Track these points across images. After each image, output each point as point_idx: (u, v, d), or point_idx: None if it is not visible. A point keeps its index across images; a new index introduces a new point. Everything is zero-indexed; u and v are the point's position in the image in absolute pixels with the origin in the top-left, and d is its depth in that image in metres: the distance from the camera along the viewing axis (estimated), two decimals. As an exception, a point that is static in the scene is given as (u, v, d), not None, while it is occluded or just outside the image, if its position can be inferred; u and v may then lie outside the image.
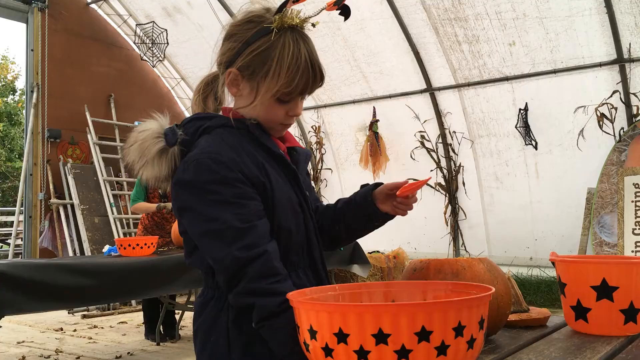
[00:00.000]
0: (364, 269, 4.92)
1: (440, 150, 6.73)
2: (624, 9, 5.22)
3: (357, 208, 1.34)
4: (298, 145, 1.35)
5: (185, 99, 8.64)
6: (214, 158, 1.13)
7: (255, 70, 1.18)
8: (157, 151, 1.19)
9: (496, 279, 1.23)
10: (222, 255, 1.10)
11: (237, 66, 1.20)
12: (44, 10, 7.16)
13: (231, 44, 1.22)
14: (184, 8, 7.44)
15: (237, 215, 1.11)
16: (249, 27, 1.20)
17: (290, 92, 1.18)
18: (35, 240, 6.85)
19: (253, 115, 1.22)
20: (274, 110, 1.21)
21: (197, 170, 1.13)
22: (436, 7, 5.98)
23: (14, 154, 18.73)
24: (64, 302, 3.19)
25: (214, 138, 1.18)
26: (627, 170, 5.37)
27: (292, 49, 1.16)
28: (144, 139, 1.20)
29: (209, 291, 1.24)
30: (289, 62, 1.15)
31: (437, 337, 0.82)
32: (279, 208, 1.19)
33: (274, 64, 1.16)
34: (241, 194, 1.13)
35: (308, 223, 1.27)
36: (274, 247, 1.14)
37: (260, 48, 1.17)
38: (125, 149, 1.23)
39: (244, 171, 1.14)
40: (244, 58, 1.19)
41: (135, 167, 1.21)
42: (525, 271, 6.14)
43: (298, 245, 1.25)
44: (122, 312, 6.25)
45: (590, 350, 1.14)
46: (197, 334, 1.25)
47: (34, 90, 6.99)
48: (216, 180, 1.12)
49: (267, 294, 1.09)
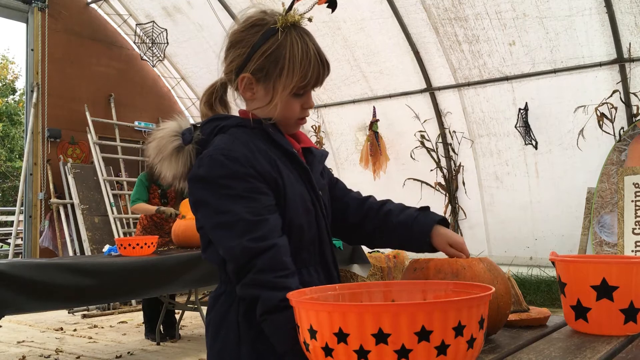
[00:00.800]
0: (364, 268, 4.92)
1: (440, 150, 6.73)
2: (624, 8, 5.21)
3: (410, 237, 1.36)
4: (313, 146, 1.38)
5: (185, 98, 8.64)
6: (226, 154, 1.17)
7: (269, 71, 1.22)
8: (173, 149, 1.25)
9: (496, 278, 1.23)
10: (232, 245, 1.14)
11: (249, 71, 1.23)
12: (44, 10, 7.16)
13: (239, 50, 1.24)
14: (184, 8, 7.44)
15: (249, 208, 1.14)
16: (254, 31, 1.23)
17: (305, 85, 1.23)
18: (35, 240, 6.85)
19: (270, 114, 1.25)
20: (291, 106, 1.25)
21: (210, 166, 1.17)
22: (436, 6, 5.98)
23: (14, 154, 18.73)
24: (64, 302, 3.19)
25: (228, 136, 1.23)
26: (627, 170, 5.38)
27: (300, 45, 1.21)
28: (161, 137, 1.27)
29: (222, 285, 1.29)
30: (300, 57, 1.20)
31: (437, 336, 0.82)
32: (291, 204, 1.22)
33: (287, 61, 1.20)
34: (253, 189, 1.16)
35: (320, 221, 1.29)
36: (284, 242, 1.17)
37: (270, 49, 1.20)
38: (145, 145, 1.31)
39: (256, 167, 1.18)
40: (256, 61, 1.22)
41: (153, 163, 1.27)
42: (525, 271, 6.14)
43: (309, 242, 1.27)
44: (122, 312, 6.25)
45: (590, 350, 1.14)
46: (209, 328, 1.29)
47: (34, 90, 6.99)
48: (228, 175, 1.16)
49: (272, 287, 1.11)
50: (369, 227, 1.41)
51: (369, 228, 1.41)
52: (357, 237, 1.46)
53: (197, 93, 8.48)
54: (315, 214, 1.28)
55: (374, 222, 1.40)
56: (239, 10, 7.63)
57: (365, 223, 1.41)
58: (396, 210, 1.40)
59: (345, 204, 1.44)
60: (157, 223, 4.76)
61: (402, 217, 1.37)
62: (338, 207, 1.43)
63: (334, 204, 1.43)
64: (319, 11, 1.29)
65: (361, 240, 1.47)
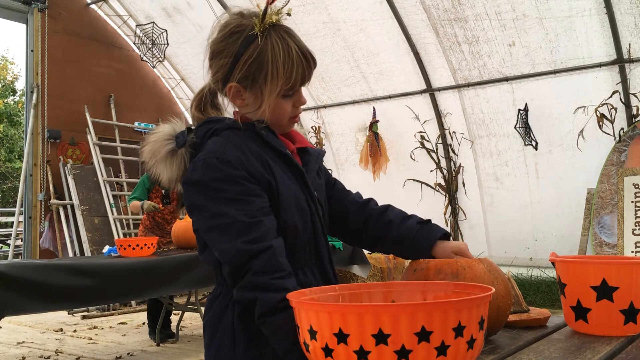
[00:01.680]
0: (364, 269, 4.92)
1: (440, 150, 6.73)
2: (623, 9, 5.22)
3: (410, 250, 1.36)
4: (309, 146, 1.38)
5: (185, 99, 8.63)
6: (219, 158, 1.17)
7: (255, 77, 1.21)
8: (167, 152, 1.26)
9: (496, 279, 1.23)
10: (227, 247, 1.14)
11: (235, 80, 1.23)
12: (44, 11, 7.16)
13: (221, 60, 1.24)
14: (183, 9, 7.44)
15: (243, 211, 1.15)
16: (233, 39, 1.22)
17: (292, 86, 1.22)
18: (35, 240, 6.85)
19: (261, 118, 1.25)
20: (281, 107, 1.25)
21: (204, 169, 1.17)
22: (436, 7, 5.98)
23: (14, 154, 18.73)
24: (63, 303, 3.20)
25: (220, 139, 1.23)
26: (627, 171, 5.38)
27: (281, 46, 1.20)
28: (155, 141, 1.28)
29: (218, 287, 1.30)
30: (283, 60, 1.19)
31: (437, 337, 0.82)
32: (285, 205, 1.22)
33: (270, 65, 1.19)
34: (246, 191, 1.16)
35: (315, 221, 1.29)
36: (279, 243, 1.17)
37: (252, 56, 1.20)
38: (140, 149, 1.32)
39: (249, 169, 1.18)
40: (240, 70, 1.22)
41: (147, 166, 1.29)
42: (525, 271, 6.14)
43: (304, 243, 1.27)
44: (122, 313, 6.25)
45: (590, 351, 1.14)
46: (206, 329, 1.30)
47: (33, 90, 6.99)
48: (222, 179, 1.16)
49: (270, 289, 1.11)
50: (369, 235, 1.42)
51: (369, 236, 1.42)
52: (358, 243, 1.47)
53: (197, 94, 8.47)
54: (310, 214, 1.28)
55: (374, 231, 1.40)
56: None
57: (366, 230, 1.41)
58: (397, 220, 1.39)
59: (345, 208, 1.44)
60: (159, 223, 4.77)
61: (403, 230, 1.37)
62: (337, 211, 1.43)
63: (332, 206, 1.43)
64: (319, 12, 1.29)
65: (362, 246, 1.49)
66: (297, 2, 6.51)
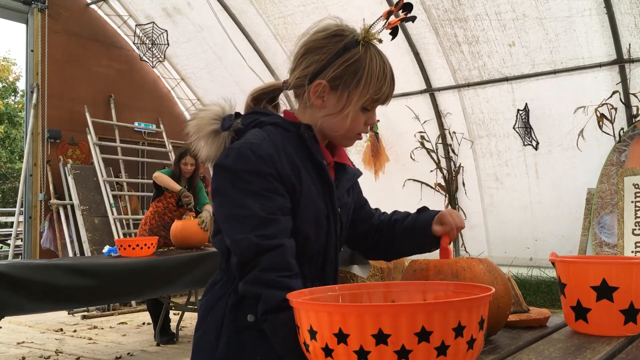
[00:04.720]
0: (364, 269, 4.91)
1: (440, 150, 6.73)
2: (623, 9, 5.22)
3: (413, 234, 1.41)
4: (349, 164, 1.40)
5: (185, 99, 8.63)
6: (254, 150, 1.18)
7: (347, 80, 1.23)
8: (210, 131, 1.27)
9: (496, 279, 1.23)
10: (240, 237, 1.15)
11: (326, 78, 1.24)
12: (44, 11, 7.16)
13: (317, 56, 1.25)
14: (184, 9, 7.44)
15: (263, 206, 1.16)
16: (335, 40, 1.25)
17: (377, 99, 1.25)
18: (35, 240, 6.85)
19: (338, 124, 1.26)
20: (358, 119, 1.26)
21: (236, 158, 1.19)
22: (436, 7, 5.98)
23: (15, 155, 18.74)
24: (64, 303, 3.19)
25: (261, 132, 1.24)
26: (627, 171, 5.38)
27: (378, 60, 1.25)
28: (202, 117, 1.29)
29: (220, 273, 1.31)
30: (378, 72, 1.24)
31: (437, 337, 0.82)
32: (303, 213, 1.22)
33: (366, 73, 1.23)
34: (271, 189, 1.17)
35: (330, 238, 1.29)
36: (291, 244, 1.17)
37: (351, 59, 1.23)
38: (189, 120, 1.33)
39: (279, 169, 1.19)
40: (335, 69, 1.23)
41: (190, 139, 1.30)
42: (525, 272, 6.14)
43: (313, 254, 1.27)
44: (122, 313, 6.25)
45: (590, 351, 1.14)
46: (199, 310, 1.32)
47: (33, 90, 6.99)
48: (252, 171, 1.17)
49: (275, 287, 1.11)
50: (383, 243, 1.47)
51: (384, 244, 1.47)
52: (376, 255, 1.52)
53: (197, 94, 8.48)
54: (327, 229, 1.28)
55: (386, 237, 1.46)
56: (239, 12, 7.59)
57: (380, 239, 1.47)
58: (401, 218, 1.45)
59: (368, 227, 1.49)
60: (167, 224, 4.67)
61: (406, 222, 1.42)
62: (359, 231, 1.48)
63: (358, 226, 1.47)
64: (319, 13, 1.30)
65: (382, 257, 1.53)
66: (297, 3, 6.52)
